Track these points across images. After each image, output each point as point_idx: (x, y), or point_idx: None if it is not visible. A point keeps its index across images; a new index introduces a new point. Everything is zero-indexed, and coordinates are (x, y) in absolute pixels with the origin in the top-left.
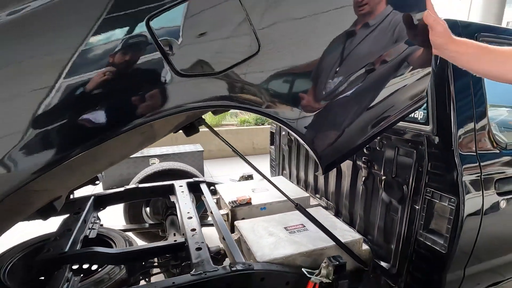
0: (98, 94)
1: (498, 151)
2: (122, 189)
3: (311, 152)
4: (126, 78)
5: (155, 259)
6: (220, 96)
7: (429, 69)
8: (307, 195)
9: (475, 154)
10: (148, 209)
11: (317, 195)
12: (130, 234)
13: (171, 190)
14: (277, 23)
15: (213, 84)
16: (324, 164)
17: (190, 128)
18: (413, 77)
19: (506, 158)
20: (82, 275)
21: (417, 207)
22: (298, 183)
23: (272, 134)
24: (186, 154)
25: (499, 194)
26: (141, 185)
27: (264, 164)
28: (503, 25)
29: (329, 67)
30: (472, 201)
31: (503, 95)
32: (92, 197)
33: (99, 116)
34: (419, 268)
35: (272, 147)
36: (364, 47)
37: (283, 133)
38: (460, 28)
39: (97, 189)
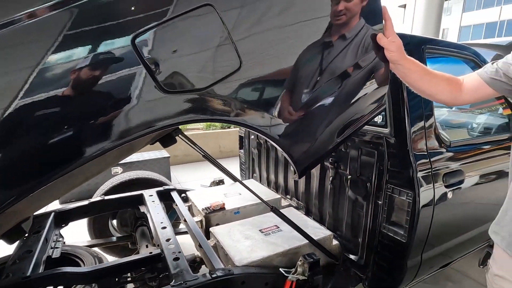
0: (83, 114)
1: (444, 149)
2: (86, 202)
3: (287, 158)
4: (112, 96)
5: (129, 274)
6: (204, 111)
7: (388, 75)
8: (279, 196)
9: (426, 152)
10: (115, 221)
11: (288, 196)
12: (96, 249)
13: (140, 200)
14: (257, 41)
15: (197, 100)
16: (300, 168)
17: (168, 139)
18: (373, 85)
19: (450, 155)
20: None
21: (379, 202)
22: (268, 185)
23: (241, 138)
24: (151, 161)
25: (446, 186)
26: (107, 197)
27: (232, 167)
28: (440, 31)
29: (304, 80)
30: (425, 194)
31: None
32: (53, 213)
33: (85, 137)
34: (383, 257)
35: (242, 151)
36: (334, 61)
37: (252, 136)
38: (409, 39)
39: (55, 204)
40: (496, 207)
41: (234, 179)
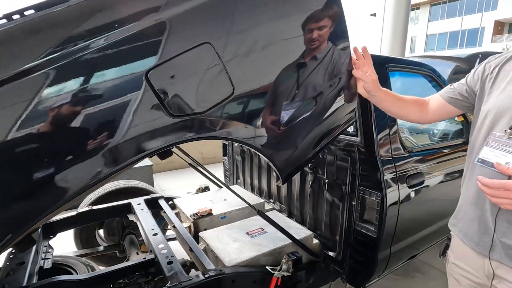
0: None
1: (407, 154)
2: (74, 213)
3: (272, 167)
4: (129, 121)
5: (121, 280)
6: (202, 130)
7: (356, 91)
8: (262, 200)
9: (391, 158)
10: (101, 231)
11: (271, 200)
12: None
13: (128, 209)
14: (245, 69)
15: (197, 121)
16: (284, 175)
17: (165, 152)
18: (344, 101)
19: (412, 159)
20: None
21: (353, 203)
22: (252, 190)
23: (224, 145)
24: (135, 170)
25: (409, 187)
26: (95, 207)
27: (215, 173)
28: (409, 38)
29: (284, 98)
30: (392, 194)
31: None
32: (41, 225)
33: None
34: (358, 252)
35: (226, 158)
36: (311, 81)
37: (236, 144)
38: (375, 59)
39: None
40: (454, 203)
41: (222, 185)
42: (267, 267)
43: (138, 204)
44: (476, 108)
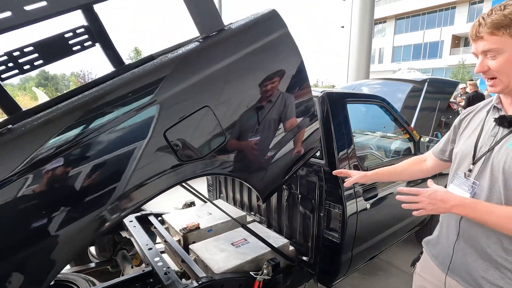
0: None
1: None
2: None
3: (254, 190)
4: (151, 168)
5: None
6: (203, 170)
7: (318, 126)
8: (244, 213)
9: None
10: (92, 248)
11: (252, 213)
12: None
13: (120, 226)
14: (233, 121)
15: (198, 164)
16: (263, 196)
17: None
18: (309, 130)
19: None
20: None
21: (321, 214)
22: (235, 203)
23: None
24: None
25: (365, 199)
26: None
27: (200, 188)
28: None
29: (265, 141)
30: (351, 207)
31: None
32: None
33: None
34: (326, 255)
35: None
36: (282, 125)
37: None
38: (335, 95)
39: None
40: (404, 210)
41: (206, 200)
42: (250, 272)
43: (130, 221)
44: (453, 152)
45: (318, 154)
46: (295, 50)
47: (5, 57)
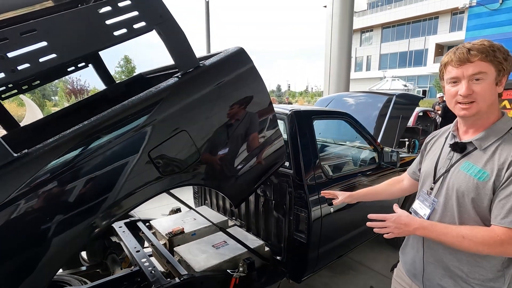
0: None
1: (327, 180)
2: None
3: (227, 197)
4: (138, 180)
5: None
6: (180, 181)
7: (282, 142)
8: (226, 218)
9: (315, 184)
10: (83, 253)
11: (233, 218)
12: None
13: (110, 231)
14: (207, 140)
15: (176, 177)
16: (235, 203)
17: None
18: (274, 146)
19: (331, 184)
20: None
21: (291, 218)
22: (218, 209)
23: None
24: None
25: (329, 204)
26: None
27: (186, 195)
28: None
29: (233, 156)
30: (315, 212)
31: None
32: None
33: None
34: (296, 254)
35: None
36: (249, 142)
37: None
38: (302, 113)
39: None
40: (365, 214)
41: (189, 208)
42: (227, 270)
43: (120, 227)
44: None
45: (287, 164)
46: (259, 81)
47: None
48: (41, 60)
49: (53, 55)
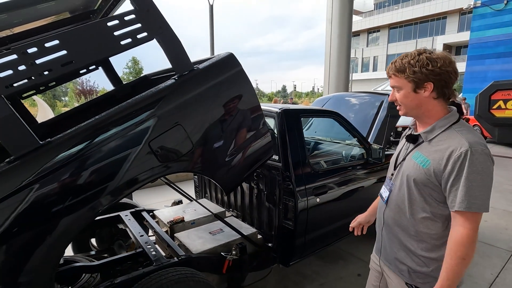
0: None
1: (313, 173)
2: None
3: (218, 185)
4: (139, 165)
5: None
6: (176, 168)
7: (269, 137)
8: (223, 209)
9: (302, 176)
10: (93, 239)
11: (231, 209)
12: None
13: (117, 219)
14: (200, 132)
15: (174, 164)
16: (226, 190)
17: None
18: (261, 141)
19: (317, 177)
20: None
21: (280, 207)
22: (217, 202)
23: None
24: None
25: (315, 195)
26: None
27: (187, 188)
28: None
29: (224, 147)
30: (302, 202)
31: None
32: None
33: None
34: (284, 240)
35: (196, 176)
36: (238, 135)
37: None
38: (292, 111)
39: None
40: (350, 206)
41: (191, 199)
42: (222, 253)
43: (126, 215)
44: None
45: (277, 158)
46: (247, 82)
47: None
48: (61, 65)
49: (71, 62)
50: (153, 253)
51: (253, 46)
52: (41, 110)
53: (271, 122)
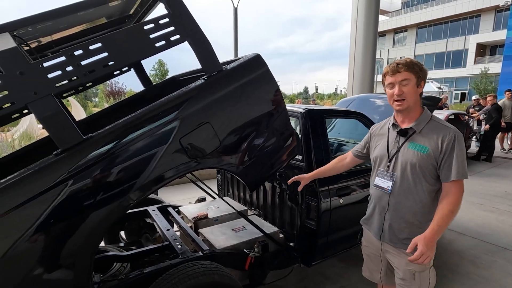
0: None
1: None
2: None
3: (243, 182)
4: (171, 161)
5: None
6: (204, 165)
7: (293, 138)
8: (246, 208)
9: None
10: (122, 232)
11: (253, 208)
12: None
13: (145, 214)
14: (227, 130)
15: (202, 160)
16: (250, 188)
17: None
18: (286, 141)
19: (341, 178)
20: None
21: (303, 207)
22: (239, 200)
23: None
24: None
25: (339, 196)
26: None
27: (210, 187)
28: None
29: (249, 145)
30: (325, 202)
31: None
32: None
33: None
34: (306, 240)
35: (219, 175)
36: (265, 138)
37: None
38: (316, 111)
39: None
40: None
41: (216, 196)
42: (244, 250)
43: (153, 210)
44: (371, 157)
45: (300, 157)
46: (273, 82)
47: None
48: (103, 66)
49: (112, 63)
50: (179, 246)
51: (275, 48)
52: (75, 110)
53: (295, 123)
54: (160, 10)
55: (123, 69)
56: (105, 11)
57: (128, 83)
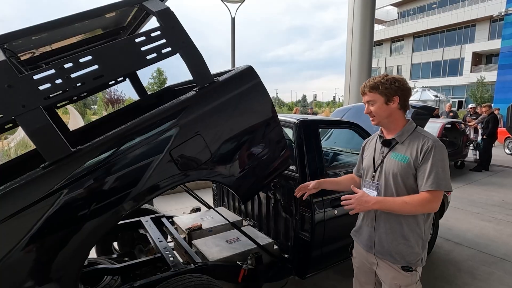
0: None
1: None
2: None
3: (235, 194)
4: (160, 173)
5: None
6: (195, 176)
7: (286, 147)
8: (240, 218)
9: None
10: (115, 243)
11: (247, 218)
12: None
13: (138, 225)
14: (218, 143)
15: (193, 172)
16: (242, 199)
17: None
18: (278, 152)
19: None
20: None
21: (297, 218)
22: (234, 210)
23: None
24: None
25: (333, 207)
26: None
27: (206, 197)
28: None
29: (240, 157)
30: (319, 213)
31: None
32: None
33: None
34: (301, 251)
35: (214, 185)
36: (256, 148)
37: None
38: (309, 122)
39: None
40: None
41: (209, 207)
42: (237, 262)
43: (146, 221)
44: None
45: (294, 168)
46: (265, 93)
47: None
48: (93, 79)
49: (102, 76)
50: (171, 259)
51: (274, 56)
52: (73, 117)
53: (289, 133)
54: (154, 22)
55: (118, 80)
56: (101, 22)
57: (127, 91)
